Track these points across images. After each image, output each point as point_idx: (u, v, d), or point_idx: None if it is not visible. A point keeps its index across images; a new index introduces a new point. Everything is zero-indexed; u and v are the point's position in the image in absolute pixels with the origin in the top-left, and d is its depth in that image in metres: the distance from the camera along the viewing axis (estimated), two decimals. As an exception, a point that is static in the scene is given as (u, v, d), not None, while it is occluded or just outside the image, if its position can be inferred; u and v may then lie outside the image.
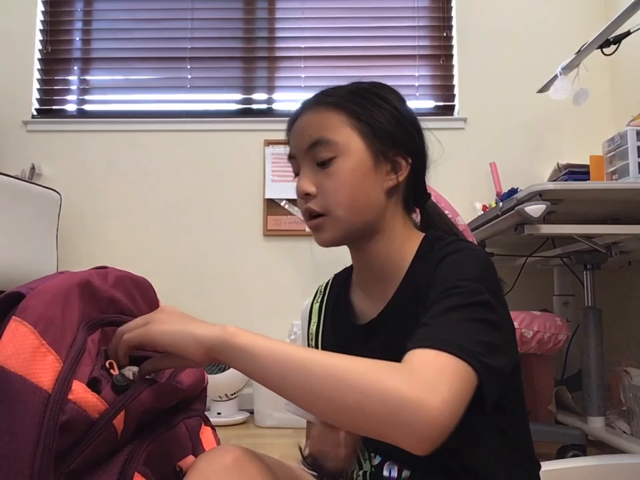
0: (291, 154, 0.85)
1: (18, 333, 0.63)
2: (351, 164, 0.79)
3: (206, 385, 0.92)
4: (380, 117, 0.81)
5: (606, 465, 1.58)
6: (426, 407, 0.55)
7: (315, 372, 0.60)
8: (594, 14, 2.69)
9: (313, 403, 0.60)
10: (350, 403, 0.57)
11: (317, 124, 0.81)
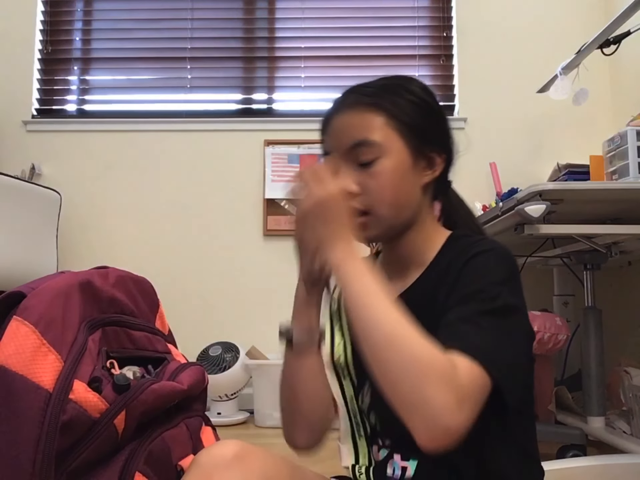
0: (326, 150, 0.87)
1: (19, 332, 0.64)
2: (393, 164, 0.81)
3: (206, 385, 0.93)
4: (416, 116, 0.84)
5: (606, 465, 1.58)
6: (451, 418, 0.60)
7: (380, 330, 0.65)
8: (594, 14, 2.69)
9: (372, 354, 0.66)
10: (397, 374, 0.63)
11: (357, 126, 0.82)
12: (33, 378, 0.61)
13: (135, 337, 0.86)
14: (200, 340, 2.44)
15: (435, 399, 0.60)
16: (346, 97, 0.86)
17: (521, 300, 0.76)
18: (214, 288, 2.66)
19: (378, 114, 0.82)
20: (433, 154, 0.85)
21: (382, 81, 0.87)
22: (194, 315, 2.60)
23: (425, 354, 0.63)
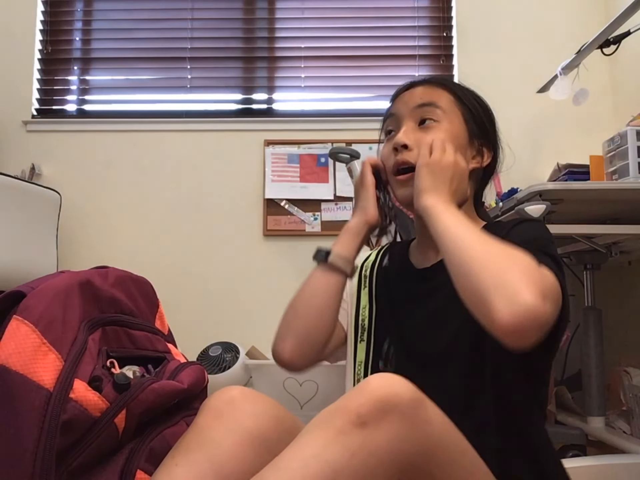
0: (393, 112, 0.95)
1: (19, 332, 0.64)
2: (450, 132, 0.90)
3: (207, 384, 0.93)
4: (478, 108, 0.97)
5: (606, 465, 1.58)
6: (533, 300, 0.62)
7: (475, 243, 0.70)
8: (594, 14, 2.69)
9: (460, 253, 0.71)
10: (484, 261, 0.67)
11: (428, 93, 0.93)
12: (33, 377, 0.62)
13: (135, 337, 0.86)
14: (200, 340, 2.43)
15: (520, 281, 0.62)
16: (423, 78, 0.98)
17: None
18: (213, 288, 2.65)
19: (447, 91, 0.94)
20: (483, 147, 0.95)
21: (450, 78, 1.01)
22: (194, 315, 2.59)
23: (514, 250, 0.67)
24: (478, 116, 0.95)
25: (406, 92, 0.96)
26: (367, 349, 0.91)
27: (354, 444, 0.56)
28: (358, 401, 0.59)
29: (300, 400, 2.14)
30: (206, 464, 0.67)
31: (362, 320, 0.95)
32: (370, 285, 0.99)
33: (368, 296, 0.97)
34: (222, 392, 0.76)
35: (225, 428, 0.71)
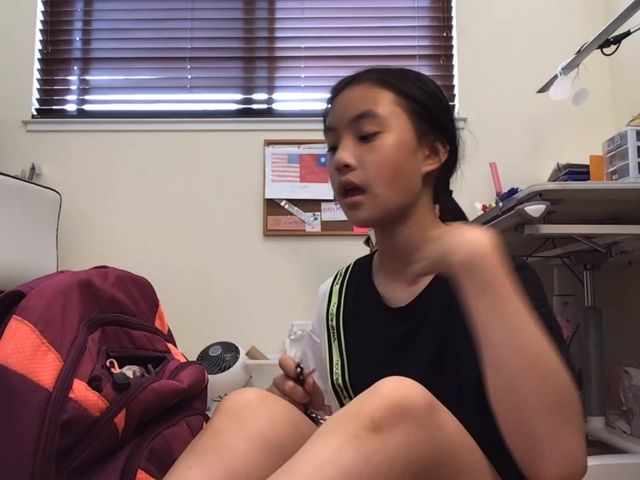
0: (330, 126, 0.84)
1: (19, 332, 0.64)
2: (395, 141, 0.78)
3: (206, 384, 0.93)
4: (426, 100, 0.82)
5: (606, 465, 1.58)
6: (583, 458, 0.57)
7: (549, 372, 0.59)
8: (594, 14, 2.69)
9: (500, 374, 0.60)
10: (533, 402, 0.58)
11: (364, 98, 0.80)
12: (33, 377, 0.61)
13: (134, 337, 0.86)
14: (200, 340, 2.43)
15: (571, 443, 0.57)
16: (356, 75, 0.85)
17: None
18: (213, 288, 2.65)
19: (386, 89, 0.81)
20: (437, 143, 0.83)
21: (395, 67, 0.86)
22: (194, 315, 2.59)
23: (566, 386, 0.58)
24: (427, 110, 0.82)
25: (340, 95, 0.84)
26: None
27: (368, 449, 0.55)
28: (372, 405, 0.58)
29: (300, 400, 2.14)
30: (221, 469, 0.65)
31: (336, 380, 0.88)
32: (338, 337, 0.90)
33: (338, 350, 0.89)
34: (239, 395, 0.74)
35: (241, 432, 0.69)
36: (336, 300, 0.94)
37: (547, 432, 0.57)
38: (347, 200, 0.80)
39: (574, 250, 1.87)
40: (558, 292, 2.42)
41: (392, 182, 0.78)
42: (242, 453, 0.68)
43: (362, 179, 0.78)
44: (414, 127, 0.80)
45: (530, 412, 0.58)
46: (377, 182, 0.78)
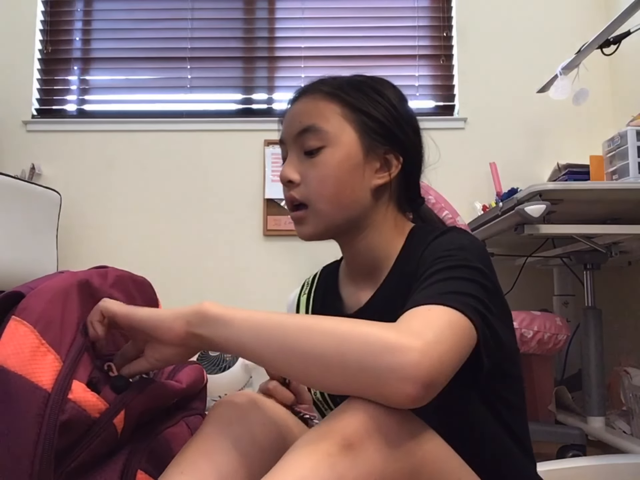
0: (280, 139, 0.83)
1: (18, 332, 0.63)
2: (339, 156, 0.77)
3: (206, 384, 0.93)
4: (375, 112, 0.80)
5: (606, 465, 1.58)
6: (408, 350, 0.55)
7: (289, 327, 0.60)
8: (594, 14, 2.69)
9: (291, 361, 0.60)
10: (328, 352, 0.57)
11: (309, 112, 0.80)
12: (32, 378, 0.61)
13: (134, 337, 0.86)
14: (200, 340, 2.43)
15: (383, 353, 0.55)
16: (307, 85, 0.85)
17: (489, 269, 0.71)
18: (214, 288, 2.65)
19: (333, 102, 0.80)
20: (389, 155, 0.80)
21: (350, 77, 0.84)
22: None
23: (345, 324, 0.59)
24: (377, 121, 0.79)
25: (291, 107, 0.83)
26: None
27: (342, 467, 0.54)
28: (343, 422, 0.57)
29: (300, 401, 2.14)
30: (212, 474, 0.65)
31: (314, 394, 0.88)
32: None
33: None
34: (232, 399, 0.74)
35: (233, 437, 0.69)
36: (303, 310, 0.94)
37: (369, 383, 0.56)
38: (292, 215, 0.80)
39: (574, 250, 1.87)
40: (558, 292, 2.43)
41: (334, 198, 0.77)
42: (235, 457, 0.67)
43: (305, 194, 0.78)
44: (361, 141, 0.78)
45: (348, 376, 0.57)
46: (318, 198, 0.77)
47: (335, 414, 0.60)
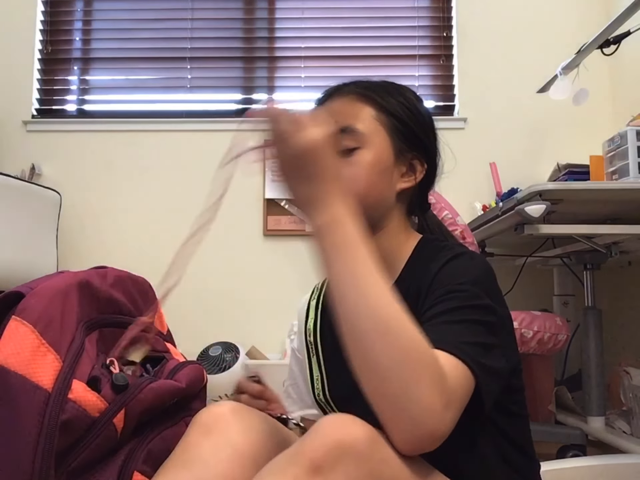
0: None
1: (18, 332, 0.63)
2: (372, 158, 0.79)
3: (205, 384, 0.93)
4: (405, 117, 0.82)
5: (606, 465, 1.58)
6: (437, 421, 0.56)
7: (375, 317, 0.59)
8: (594, 14, 2.69)
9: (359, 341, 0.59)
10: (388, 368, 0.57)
11: (345, 112, 0.81)
12: (32, 378, 0.61)
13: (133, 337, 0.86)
14: (200, 340, 2.43)
15: (424, 401, 0.55)
16: (340, 86, 0.85)
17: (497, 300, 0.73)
18: (213, 288, 2.65)
19: (368, 104, 0.81)
20: (415, 161, 0.83)
21: (380, 81, 0.86)
22: (194, 315, 2.59)
23: (421, 349, 0.58)
24: (407, 127, 0.82)
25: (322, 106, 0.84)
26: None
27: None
28: (311, 446, 0.57)
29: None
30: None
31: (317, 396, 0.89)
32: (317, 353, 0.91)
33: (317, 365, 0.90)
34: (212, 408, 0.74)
35: (213, 446, 0.69)
36: (313, 315, 0.95)
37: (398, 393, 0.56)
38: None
39: (574, 250, 1.87)
40: (558, 292, 2.43)
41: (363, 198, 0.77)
42: (215, 466, 0.67)
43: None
44: (393, 144, 0.80)
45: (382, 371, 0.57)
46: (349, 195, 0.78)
47: (305, 437, 0.59)
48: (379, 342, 0.58)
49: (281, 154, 0.67)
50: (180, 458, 0.68)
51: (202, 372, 0.91)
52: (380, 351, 0.57)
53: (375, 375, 0.58)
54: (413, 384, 0.56)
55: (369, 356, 0.58)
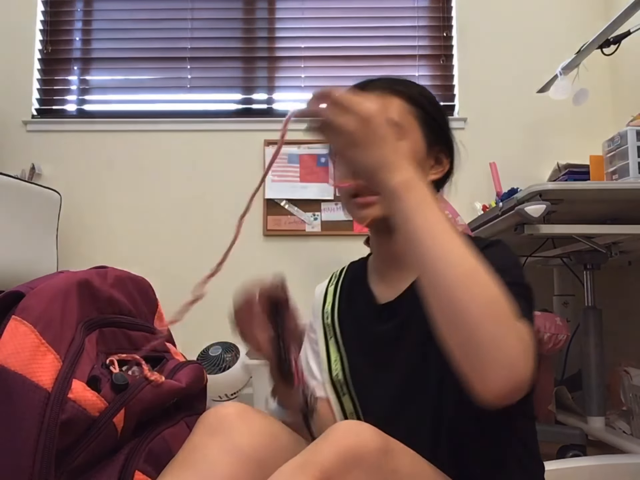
0: None
1: (18, 332, 0.63)
2: (411, 149, 0.81)
3: (206, 384, 0.93)
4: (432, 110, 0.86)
5: (606, 465, 1.58)
6: (524, 370, 0.56)
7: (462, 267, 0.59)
8: (594, 14, 2.69)
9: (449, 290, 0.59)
10: (480, 314, 0.57)
11: (385, 106, 0.83)
12: (32, 377, 0.61)
13: (133, 337, 0.86)
14: (200, 340, 2.43)
15: (513, 349, 0.56)
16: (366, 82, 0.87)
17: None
18: (213, 288, 2.65)
19: (403, 100, 0.84)
20: (441, 154, 0.86)
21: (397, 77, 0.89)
22: (194, 315, 2.57)
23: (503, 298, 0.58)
24: (433, 119, 0.85)
25: None
26: (353, 402, 0.87)
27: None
28: (322, 454, 0.57)
29: (300, 400, 2.14)
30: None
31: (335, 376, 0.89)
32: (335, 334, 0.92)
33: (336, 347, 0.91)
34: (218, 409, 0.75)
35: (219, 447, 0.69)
36: (331, 299, 0.97)
37: (491, 338, 0.56)
38: (360, 200, 0.82)
39: (574, 250, 1.87)
40: (558, 292, 2.43)
41: None
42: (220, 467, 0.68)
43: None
44: (424, 136, 0.83)
45: (473, 319, 0.57)
46: None
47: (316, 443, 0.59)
48: (469, 292, 0.58)
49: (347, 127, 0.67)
50: (186, 459, 0.68)
51: (202, 372, 0.91)
52: (470, 301, 0.57)
53: (465, 326, 0.57)
54: (503, 332, 0.56)
55: (459, 307, 0.58)
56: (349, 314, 0.93)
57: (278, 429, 0.78)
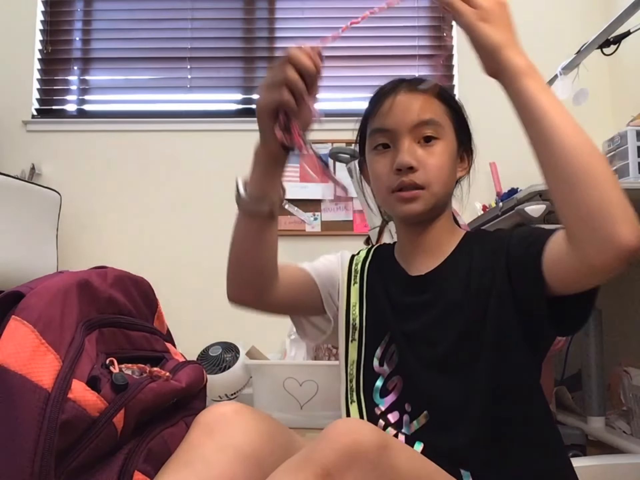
0: (387, 128, 0.89)
1: (18, 332, 0.63)
2: (448, 148, 0.89)
3: (205, 384, 0.93)
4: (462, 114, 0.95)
5: (606, 465, 1.58)
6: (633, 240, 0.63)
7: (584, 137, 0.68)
8: (594, 14, 2.69)
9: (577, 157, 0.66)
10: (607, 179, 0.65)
11: (426, 107, 0.89)
12: (32, 378, 0.61)
13: (133, 338, 0.86)
14: (200, 340, 2.43)
15: (631, 215, 0.63)
16: (406, 82, 0.92)
17: None
18: (213, 288, 2.65)
19: (440, 100, 0.90)
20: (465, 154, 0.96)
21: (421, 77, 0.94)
22: (194, 315, 2.59)
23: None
24: (463, 119, 0.95)
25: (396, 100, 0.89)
26: (359, 349, 0.90)
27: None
28: (322, 451, 0.58)
29: (300, 400, 2.14)
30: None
31: (352, 320, 0.93)
32: (361, 281, 0.96)
33: (358, 293, 0.95)
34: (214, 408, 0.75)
35: (215, 445, 0.70)
36: (364, 254, 1.01)
37: (620, 198, 0.65)
38: (405, 194, 0.86)
39: (574, 251, 1.87)
40: (558, 292, 2.42)
41: (446, 184, 0.88)
42: (217, 466, 0.68)
43: (424, 179, 0.85)
44: (457, 138, 0.91)
45: (602, 177, 0.65)
46: (436, 182, 0.86)
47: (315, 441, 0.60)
48: (601, 159, 0.66)
49: (485, 3, 0.80)
50: (183, 458, 0.69)
51: (202, 372, 0.91)
52: (603, 166, 0.65)
53: (599, 186, 0.64)
54: (622, 199, 0.65)
55: (595, 171, 0.65)
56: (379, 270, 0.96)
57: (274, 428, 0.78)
